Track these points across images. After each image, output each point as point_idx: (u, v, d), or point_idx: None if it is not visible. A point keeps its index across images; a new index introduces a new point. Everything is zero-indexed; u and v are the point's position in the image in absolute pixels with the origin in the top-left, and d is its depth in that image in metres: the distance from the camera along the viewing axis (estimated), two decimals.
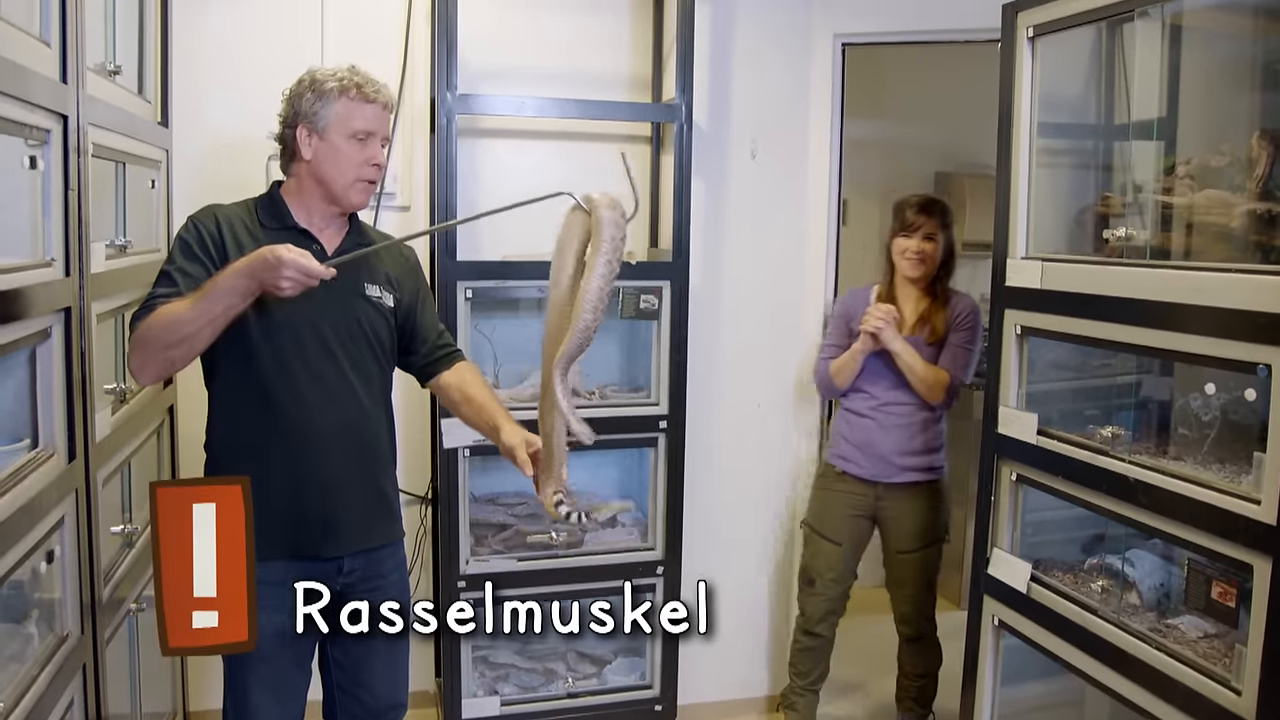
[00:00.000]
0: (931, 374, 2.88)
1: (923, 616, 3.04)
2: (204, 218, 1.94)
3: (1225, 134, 2.10)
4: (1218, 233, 1.97)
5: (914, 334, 2.94)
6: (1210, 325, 1.75)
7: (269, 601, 1.93)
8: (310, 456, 1.94)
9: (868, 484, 2.97)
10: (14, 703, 1.53)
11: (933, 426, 2.96)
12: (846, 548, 3.02)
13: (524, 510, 3.09)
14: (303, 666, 2.02)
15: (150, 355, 1.80)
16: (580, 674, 3.15)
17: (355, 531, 2.01)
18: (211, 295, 1.75)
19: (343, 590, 2.01)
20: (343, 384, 1.96)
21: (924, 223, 2.92)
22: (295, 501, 1.95)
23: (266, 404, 1.92)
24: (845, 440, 3.02)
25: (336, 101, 1.92)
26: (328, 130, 1.94)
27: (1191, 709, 1.77)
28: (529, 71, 3.05)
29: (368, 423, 2.01)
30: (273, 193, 2.02)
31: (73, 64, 1.78)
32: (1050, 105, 2.32)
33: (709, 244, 3.18)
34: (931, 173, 4.41)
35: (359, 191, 1.98)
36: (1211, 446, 1.94)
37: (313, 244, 1.96)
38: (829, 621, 3.07)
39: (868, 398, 2.97)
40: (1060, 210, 2.40)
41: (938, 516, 2.99)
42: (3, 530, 1.48)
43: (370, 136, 1.96)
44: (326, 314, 1.94)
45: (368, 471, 2.03)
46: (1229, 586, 1.79)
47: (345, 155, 1.94)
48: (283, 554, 1.94)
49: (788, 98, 3.22)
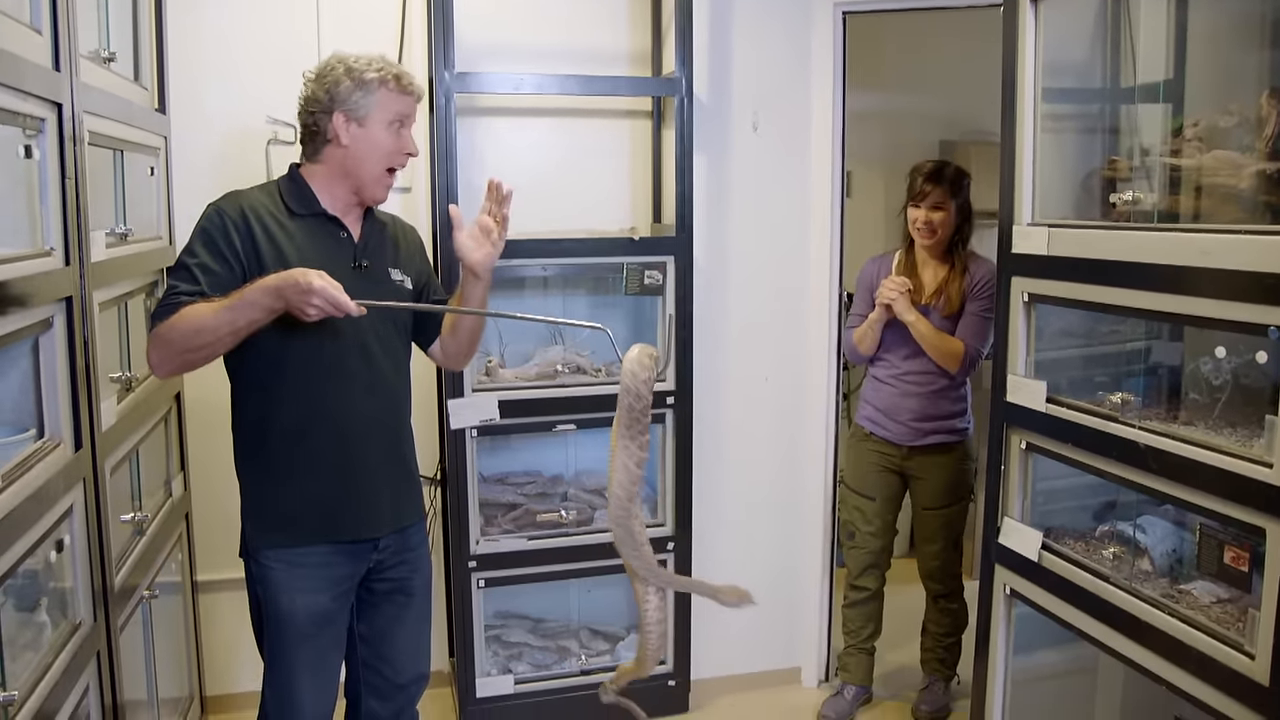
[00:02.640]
0: (946, 344, 2.90)
1: (949, 574, 3.09)
2: (228, 206, 1.91)
3: (1234, 94, 2.06)
4: (1226, 194, 1.94)
5: (931, 303, 2.95)
6: (1220, 288, 1.73)
7: (309, 584, 1.96)
8: (350, 443, 1.97)
9: (894, 445, 3.04)
10: (29, 690, 1.54)
11: (954, 392, 3.00)
12: (880, 501, 3.09)
13: (533, 489, 3.10)
14: (340, 646, 2.05)
15: (169, 355, 1.81)
16: (593, 651, 3.16)
17: (391, 512, 2.05)
18: (236, 307, 1.76)
19: (375, 566, 2.06)
20: (378, 370, 2.00)
21: (932, 191, 2.91)
22: (336, 488, 1.97)
23: (304, 392, 1.93)
24: (871, 404, 3.09)
25: (377, 91, 1.94)
26: (368, 119, 1.95)
27: (1205, 674, 1.76)
28: (528, 48, 3.03)
29: (399, 406, 2.08)
30: (294, 176, 2.00)
31: (65, 51, 1.76)
32: (1054, 70, 2.28)
33: (712, 218, 3.16)
34: (936, 141, 4.37)
35: (385, 183, 2.01)
36: (1223, 410, 1.92)
37: (341, 230, 1.99)
38: (872, 575, 3.12)
39: (889, 365, 3.03)
40: (1066, 175, 2.38)
41: (963, 475, 3.05)
42: (11, 520, 1.48)
43: (404, 125, 2.00)
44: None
45: (399, 453, 2.08)
46: (1241, 551, 1.78)
47: (382, 143, 1.96)
48: (324, 539, 1.97)
49: (789, 69, 3.18)
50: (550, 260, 2.94)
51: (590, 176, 3.16)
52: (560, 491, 3.13)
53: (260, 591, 1.98)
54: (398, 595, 2.10)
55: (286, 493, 1.96)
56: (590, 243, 2.93)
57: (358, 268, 1.97)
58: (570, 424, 2.96)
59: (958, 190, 2.94)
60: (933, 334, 2.90)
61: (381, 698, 2.13)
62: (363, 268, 1.98)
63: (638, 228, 3.11)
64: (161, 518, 2.44)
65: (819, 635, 3.38)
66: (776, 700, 3.31)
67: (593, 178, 3.16)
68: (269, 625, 1.97)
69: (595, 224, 3.10)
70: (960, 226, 2.96)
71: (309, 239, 1.94)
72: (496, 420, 2.87)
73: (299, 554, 1.95)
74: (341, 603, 2.01)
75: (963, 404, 3.03)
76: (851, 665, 3.17)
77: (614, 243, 2.95)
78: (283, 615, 1.95)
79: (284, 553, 1.95)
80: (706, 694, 3.26)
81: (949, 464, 3.01)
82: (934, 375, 2.96)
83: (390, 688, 2.13)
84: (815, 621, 3.38)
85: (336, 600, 1.99)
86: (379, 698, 2.13)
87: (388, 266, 2.05)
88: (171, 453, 2.64)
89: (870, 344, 3.01)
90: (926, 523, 3.07)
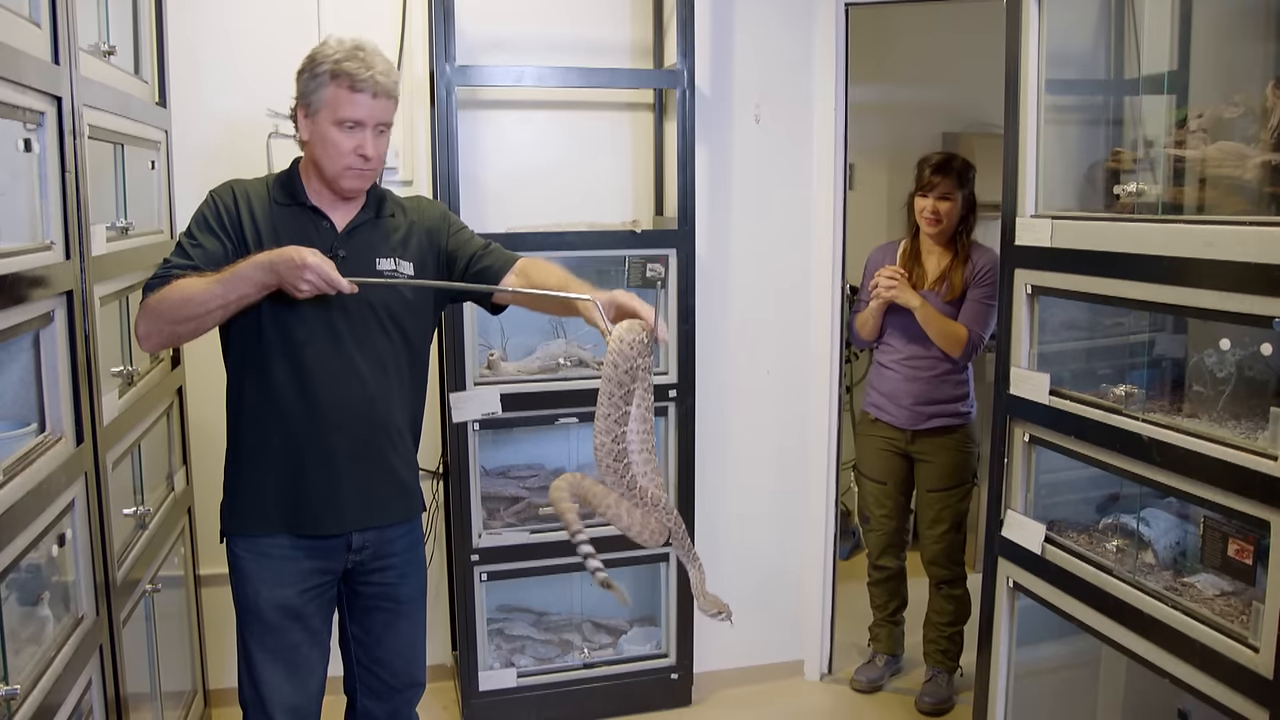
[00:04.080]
0: (949, 329, 2.97)
1: (953, 559, 3.12)
2: (223, 192, 1.94)
3: (1239, 84, 2.05)
4: (1231, 185, 1.93)
5: (933, 289, 3.02)
6: (1224, 280, 1.72)
7: (274, 576, 1.95)
8: (312, 435, 1.93)
9: (899, 429, 3.11)
10: (32, 684, 1.54)
11: (955, 377, 3.06)
12: (891, 485, 3.17)
13: (535, 482, 3.09)
14: (318, 644, 2.02)
15: (157, 326, 1.81)
16: (596, 644, 3.16)
17: (359, 509, 1.98)
18: (228, 281, 1.76)
19: (353, 568, 2.02)
20: (348, 364, 1.93)
21: (939, 182, 2.99)
22: (295, 479, 1.94)
23: (269, 383, 1.92)
24: (876, 390, 3.17)
25: (326, 87, 1.86)
26: (318, 115, 1.88)
27: (1209, 667, 1.76)
28: (529, 41, 3.02)
29: (374, 401, 1.96)
30: (292, 168, 2.00)
31: (64, 45, 1.76)
32: (1058, 61, 2.27)
33: (715, 211, 3.15)
34: (939, 134, 4.36)
35: (349, 178, 1.92)
36: (1227, 403, 1.92)
37: (323, 220, 1.95)
38: (891, 554, 3.24)
39: (892, 351, 3.11)
40: (1070, 167, 2.37)
41: (966, 459, 3.10)
42: (12, 514, 1.48)
43: (359, 126, 1.88)
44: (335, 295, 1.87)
45: (375, 450, 1.99)
46: (1245, 544, 1.77)
47: (332, 142, 1.88)
48: (284, 530, 1.95)
49: (791, 60, 3.17)
50: (552, 253, 2.92)
51: (592, 169, 3.15)
52: None
53: (231, 578, 1.99)
54: (386, 602, 2.07)
55: (252, 481, 1.96)
56: (592, 236, 2.92)
57: (334, 258, 1.87)
58: (572, 417, 2.96)
59: (964, 181, 3.02)
60: (936, 318, 2.97)
61: (377, 698, 2.12)
62: (340, 258, 1.90)
63: (640, 221, 3.11)
64: (164, 512, 2.44)
65: (821, 628, 3.38)
66: (779, 693, 3.31)
67: (594, 171, 3.15)
68: (237, 612, 1.99)
69: (597, 217, 3.10)
70: (965, 217, 3.03)
71: (287, 226, 1.92)
72: (498, 413, 2.87)
73: (265, 544, 1.95)
74: (311, 598, 1.98)
75: (964, 389, 3.08)
76: (881, 636, 3.31)
77: (616, 236, 2.94)
78: (248, 604, 1.97)
79: (251, 541, 1.96)
80: (709, 686, 3.26)
81: (952, 446, 3.07)
82: (935, 360, 3.03)
83: (385, 689, 2.12)
84: (818, 615, 3.37)
85: (304, 595, 1.97)
86: (374, 698, 2.12)
87: (376, 257, 1.96)
88: (174, 446, 2.64)
89: (871, 330, 3.10)
90: (930, 505, 3.11)
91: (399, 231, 2.02)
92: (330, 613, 2.05)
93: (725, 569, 3.30)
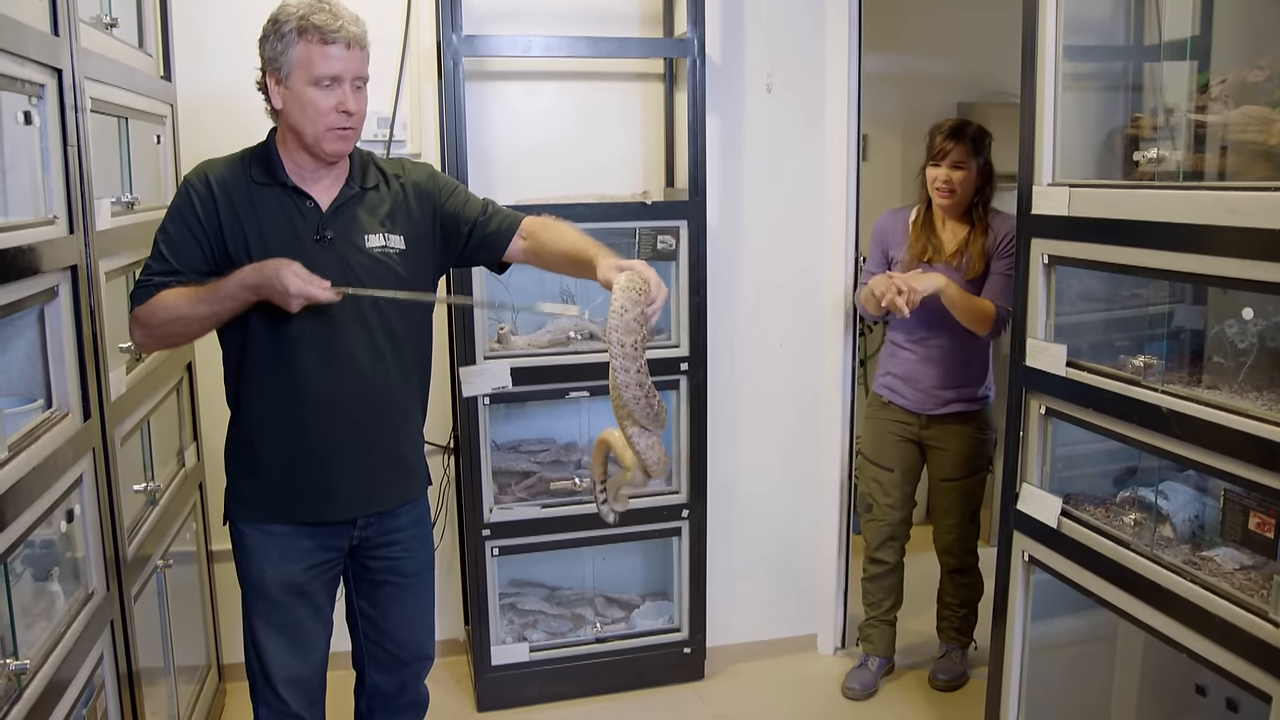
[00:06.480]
0: (975, 306, 2.79)
1: (965, 549, 3.05)
2: (196, 182, 1.86)
3: (1263, 48, 2.00)
4: (1255, 151, 1.88)
5: (952, 264, 2.86)
6: (1247, 247, 1.67)
7: (280, 555, 1.95)
8: (307, 424, 1.90)
9: (913, 414, 2.97)
10: (42, 659, 1.54)
11: (976, 358, 2.92)
12: (899, 473, 3.03)
13: (546, 457, 3.09)
14: (321, 618, 2.02)
15: (149, 335, 1.85)
16: (608, 619, 3.16)
17: (359, 497, 1.96)
18: (213, 299, 1.78)
19: (359, 544, 2.02)
20: (340, 348, 1.88)
21: (952, 149, 2.83)
22: (293, 469, 1.92)
23: (263, 375, 1.90)
24: (890, 372, 3.02)
25: (295, 45, 1.77)
26: (290, 77, 1.80)
27: (1227, 642, 1.74)
28: (537, 10, 2.97)
29: (372, 386, 1.92)
30: (268, 143, 1.92)
31: (64, 16, 1.74)
32: (1076, 27, 2.22)
33: (726, 182, 3.11)
34: (953, 103, 4.29)
35: (332, 140, 1.83)
36: (1248, 374, 1.88)
37: (306, 200, 1.88)
38: (890, 548, 3.08)
39: (908, 330, 2.95)
40: (1088, 135, 2.32)
41: (982, 446, 2.98)
42: (19, 489, 1.48)
43: (336, 81, 1.79)
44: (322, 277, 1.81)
45: (376, 436, 1.95)
46: (1267, 517, 1.74)
47: (311, 103, 1.79)
48: (286, 519, 1.95)
49: (804, 29, 3.12)
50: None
51: (602, 140, 3.11)
52: (574, 459, 3.12)
53: (235, 554, 2.00)
54: (394, 577, 2.06)
55: (252, 470, 1.95)
56: (602, 207, 2.89)
57: (320, 240, 1.86)
58: (583, 390, 2.94)
59: (979, 149, 2.85)
60: (962, 297, 2.76)
61: (385, 671, 2.12)
62: (326, 240, 1.86)
63: (650, 192, 3.07)
64: (175, 488, 2.44)
65: (835, 602, 3.37)
66: (792, 667, 3.31)
67: (604, 142, 3.11)
68: (242, 588, 2.00)
69: (607, 188, 3.06)
70: (981, 188, 2.87)
71: (270, 212, 1.86)
72: (509, 388, 2.85)
73: (269, 526, 1.95)
74: (316, 574, 1.98)
75: (985, 370, 2.95)
76: (874, 637, 3.15)
77: (626, 207, 2.91)
78: (253, 581, 1.97)
79: (255, 523, 1.96)
80: (722, 660, 3.26)
81: (968, 434, 2.95)
82: (954, 340, 2.88)
83: (393, 662, 2.12)
84: (831, 588, 3.36)
85: (310, 572, 1.97)
86: (382, 672, 2.12)
87: (363, 234, 1.90)
88: (184, 423, 2.64)
89: (874, 307, 2.87)
90: (943, 494, 3.01)
91: (385, 204, 1.95)
92: (335, 588, 2.05)
93: (738, 544, 3.29)
